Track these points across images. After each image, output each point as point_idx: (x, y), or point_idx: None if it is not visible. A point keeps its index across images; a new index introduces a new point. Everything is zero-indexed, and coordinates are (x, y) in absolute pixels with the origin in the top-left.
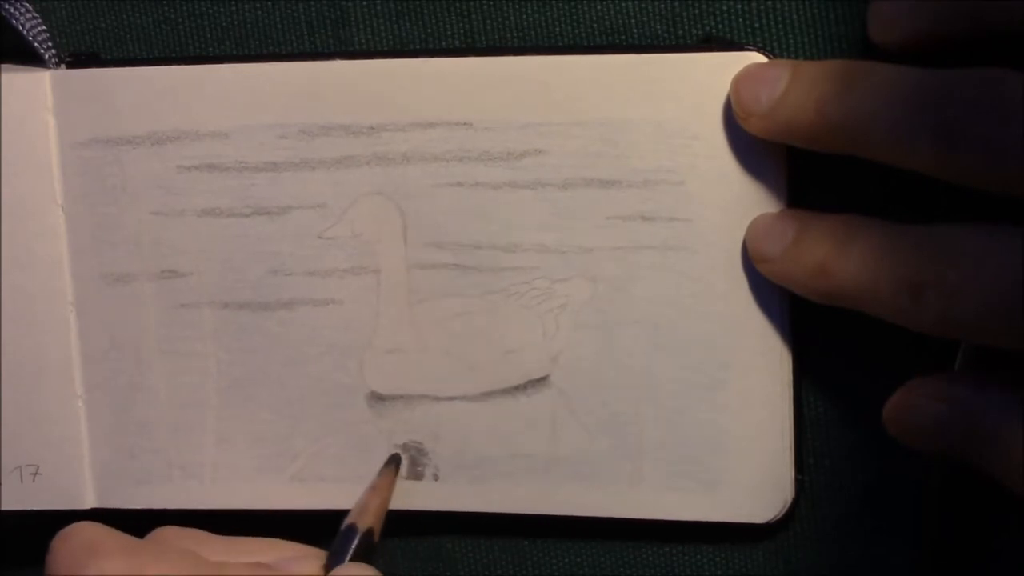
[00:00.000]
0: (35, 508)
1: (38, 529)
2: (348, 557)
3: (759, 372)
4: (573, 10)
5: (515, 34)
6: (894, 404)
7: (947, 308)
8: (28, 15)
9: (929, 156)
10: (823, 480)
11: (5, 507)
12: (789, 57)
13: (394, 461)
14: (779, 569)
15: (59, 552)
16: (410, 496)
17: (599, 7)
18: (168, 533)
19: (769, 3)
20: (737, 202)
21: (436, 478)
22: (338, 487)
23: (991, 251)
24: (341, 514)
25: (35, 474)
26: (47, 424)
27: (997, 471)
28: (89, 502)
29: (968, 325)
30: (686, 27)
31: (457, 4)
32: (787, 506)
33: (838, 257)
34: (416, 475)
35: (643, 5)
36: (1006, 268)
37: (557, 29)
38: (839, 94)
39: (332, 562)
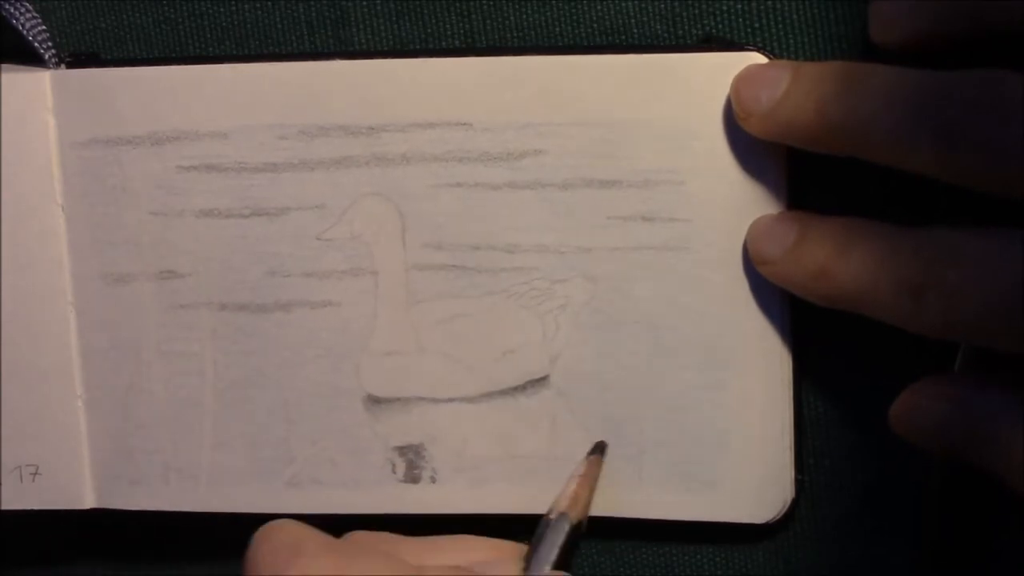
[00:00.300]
0: (35, 508)
1: (38, 529)
2: (556, 553)
3: (759, 372)
4: (573, 10)
5: (515, 34)
6: (900, 404)
7: (948, 310)
8: (28, 15)
9: (929, 157)
10: (823, 480)
11: (5, 507)
12: (789, 57)
13: (599, 450)
14: (779, 569)
15: (261, 550)
16: (406, 500)
17: (599, 7)
18: (361, 536)
19: (769, 3)
20: (737, 202)
21: (433, 481)
22: (333, 492)
23: (991, 253)
24: (336, 519)
25: (35, 474)
26: (47, 424)
27: (998, 471)
28: (88, 502)
29: (969, 327)
30: (686, 27)
31: (457, 4)
32: (787, 506)
33: (839, 259)
34: (413, 478)
35: (643, 5)
36: (1006, 270)
37: (557, 29)
38: (839, 95)
39: (537, 557)
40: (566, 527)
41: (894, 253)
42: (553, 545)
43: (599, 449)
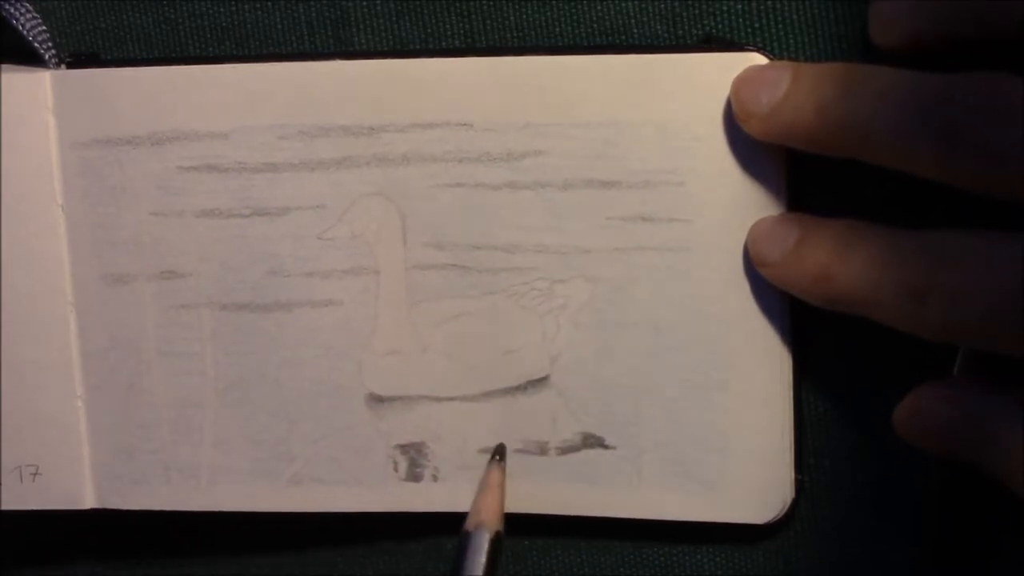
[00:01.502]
0: (35, 508)
1: (38, 529)
2: (482, 566)
3: (759, 372)
4: (573, 10)
5: (515, 34)
6: (903, 409)
7: (949, 313)
8: (28, 15)
9: (929, 159)
10: (823, 480)
11: (5, 507)
12: (789, 57)
13: (499, 453)
14: (779, 569)
15: None
16: (408, 498)
17: (599, 7)
18: None
19: (769, 3)
20: (737, 203)
21: (435, 479)
22: (335, 490)
23: (992, 255)
24: (338, 517)
25: (35, 474)
26: (47, 424)
27: (999, 472)
28: (89, 502)
29: (970, 330)
30: (686, 27)
31: (457, 4)
32: (787, 507)
33: (840, 262)
34: (415, 477)
35: (643, 5)
36: (1007, 272)
37: (557, 29)
38: (840, 97)
39: (463, 574)
40: (487, 538)
41: (895, 256)
42: (477, 559)
43: (499, 453)
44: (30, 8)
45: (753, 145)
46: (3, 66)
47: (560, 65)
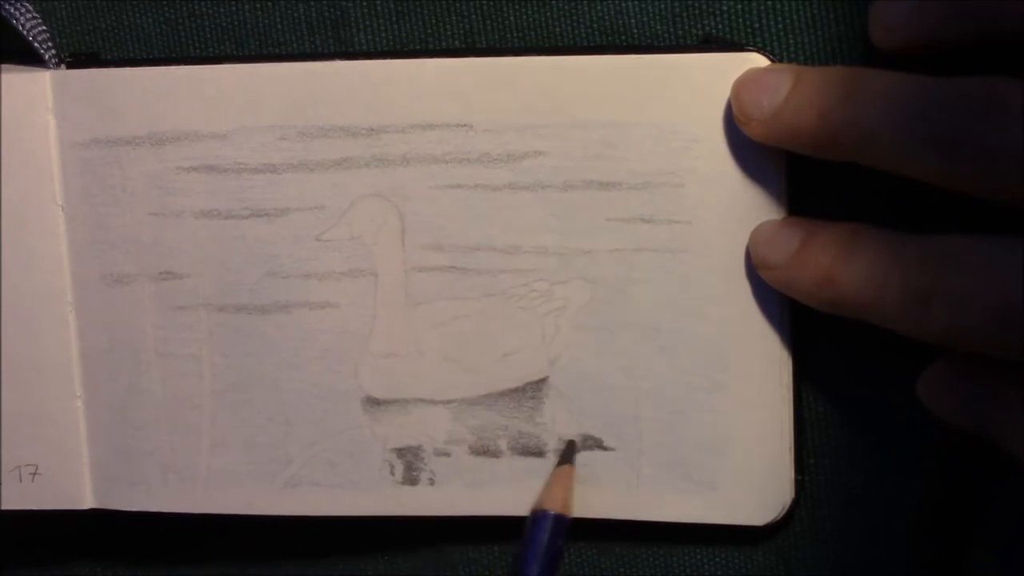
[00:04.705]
0: (34, 508)
1: (37, 529)
2: (544, 544)
3: (759, 374)
4: (573, 10)
5: (515, 34)
6: (928, 375)
7: (953, 317)
8: (28, 15)
9: (931, 164)
10: (823, 480)
11: (5, 507)
12: (790, 58)
13: (571, 450)
14: (779, 569)
15: None
16: (405, 501)
17: (599, 7)
18: None
19: (769, 3)
20: (737, 205)
21: (432, 483)
22: (331, 494)
23: (996, 259)
24: (334, 520)
25: (34, 474)
26: (46, 424)
27: (1012, 447)
28: (88, 503)
29: (975, 335)
30: (686, 27)
31: (457, 4)
32: (786, 508)
33: (843, 266)
34: (411, 480)
35: (643, 5)
36: (1010, 276)
37: (557, 29)
38: (841, 101)
39: (527, 555)
40: (549, 520)
41: (899, 260)
42: (539, 541)
43: (570, 450)
44: (30, 8)
45: (753, 147)
46: (3, 66)
47: (560, 65)
